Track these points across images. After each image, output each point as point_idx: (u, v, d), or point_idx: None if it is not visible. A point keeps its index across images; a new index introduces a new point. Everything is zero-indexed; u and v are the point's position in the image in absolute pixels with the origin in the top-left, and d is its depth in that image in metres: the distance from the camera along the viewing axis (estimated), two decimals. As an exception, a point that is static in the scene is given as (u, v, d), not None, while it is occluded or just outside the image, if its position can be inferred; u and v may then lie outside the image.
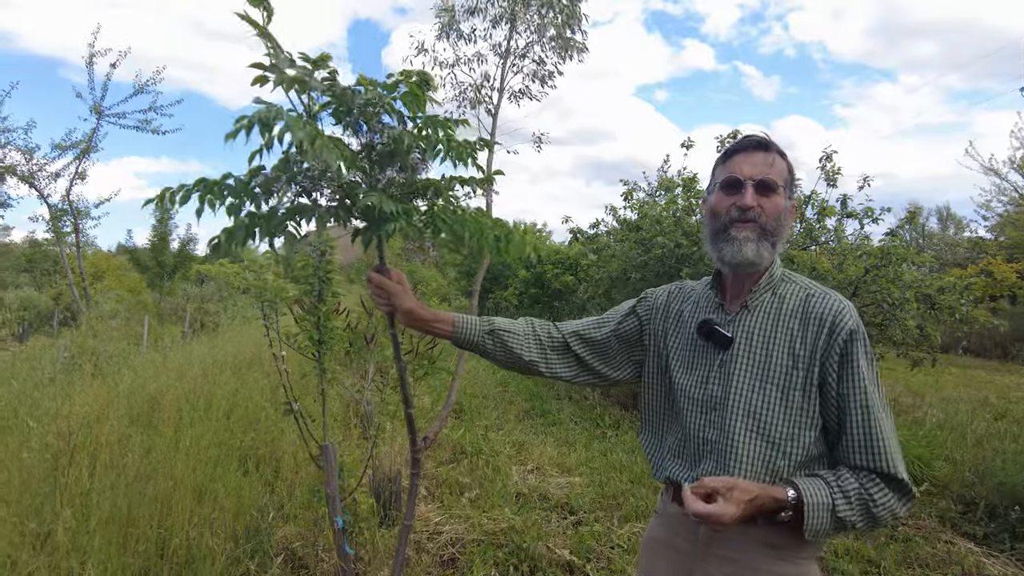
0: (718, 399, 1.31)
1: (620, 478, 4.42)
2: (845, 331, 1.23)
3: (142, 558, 2.54)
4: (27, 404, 3.88)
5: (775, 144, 1.34)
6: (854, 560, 3.31)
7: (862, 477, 1.20)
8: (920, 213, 6.69)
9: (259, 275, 2.46)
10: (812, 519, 1.16)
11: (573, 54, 5.90)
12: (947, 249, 19.65)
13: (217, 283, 16.37)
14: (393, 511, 3.40)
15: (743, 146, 1.34)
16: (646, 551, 1.51)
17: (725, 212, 1.31)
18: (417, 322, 1.45)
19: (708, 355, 1.35)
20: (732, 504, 1.13)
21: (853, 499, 1.18)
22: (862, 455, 1.20)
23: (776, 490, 1.19)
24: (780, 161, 1.32)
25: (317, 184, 1.37)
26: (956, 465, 4.61)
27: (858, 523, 1.18)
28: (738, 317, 1.33)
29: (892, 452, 1.19)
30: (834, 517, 1.17)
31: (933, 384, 8.86)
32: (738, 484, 1.16)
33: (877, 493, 1.18)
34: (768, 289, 1.33)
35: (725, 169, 1.35)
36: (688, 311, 1.43)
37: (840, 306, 1.26)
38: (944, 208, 29.08)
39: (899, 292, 5.60)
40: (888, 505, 1.18)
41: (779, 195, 1.30)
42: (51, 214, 10.42)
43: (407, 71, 1.32)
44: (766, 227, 1.29)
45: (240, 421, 4.15)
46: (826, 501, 1.17)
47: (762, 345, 1.29)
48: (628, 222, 7.85)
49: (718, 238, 1.33)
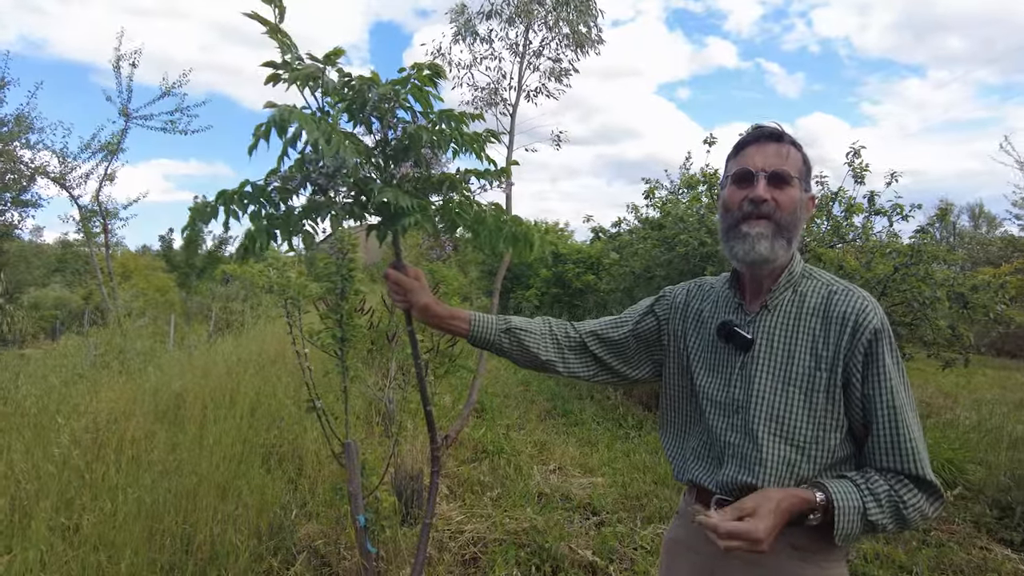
0: (740, 402, 1.27)
1: (643, 479, 4.37)
2: (869, 330, 1.18)
3: (168, 553, 2.57)
4: (56, 400, 3.95)
5: (789, 135, 1.29)
6: (884, 565, 3.23)
7: (891, 479, 1.16)
8: (951, 210, 6.52)
9: (282, 273, 2.46)
10: (843, 523, 1.13)
11: (589, 49, 5.86)
12: (979, 247, 19.15)
13: (242, 282, 16.58)
14: (415, 509, 3.39)
15: (755, 137, 1.30)
16: (667, 552, 1.49)
17: (737, 207, 1.27)
18: (433, 319, 1.44)
19: (729, 357, 1.32)
20: (762, 519, 1.09)
21: (884, 502, 1.14)
22: (890, 457, 1.17)
23: (802, 491, 1.16)
24: (794, 152, 1.27)
25: (332, 181, 1.36)
26: (991, 469, 4.48)
27: (888, 526, 1.15)
28: (758, 317, 1.29)
29: (920, 454, 1.16)
30: (864, 520, 1.14)
31: (965, 385, 8.64)
32: (759, 500, 1.12)
33: (907, 495, 1.15)
34: (788, 287, 1.29)
35: (736, 162, 1.30)
36: (708, 311, 1.40)
37: (863, 304, 1.21)
38: (976, 206, 28.43)
39: (930, 291, 5.46)
40: (918, 507, 1.15)
41: (794, 187, 1.25)
42: (81, 215, 10.64)
43: (418, 64, 1.30)
44: (780, 222, 1.23)
45: (263, 419, 4.19)
46: (856, 504, 1.14)
47: (784, 346, 1.25)
48: (651, 220, 7.77)
49: (730, 235, 1.28)
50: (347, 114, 1.35)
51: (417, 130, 1.31)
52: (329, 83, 1.26)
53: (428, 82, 1.30)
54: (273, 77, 1.22)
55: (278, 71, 1.22)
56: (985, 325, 6.04)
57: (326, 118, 1.25)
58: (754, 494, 1.14)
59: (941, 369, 6.40)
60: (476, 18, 5.95)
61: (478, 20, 5.95)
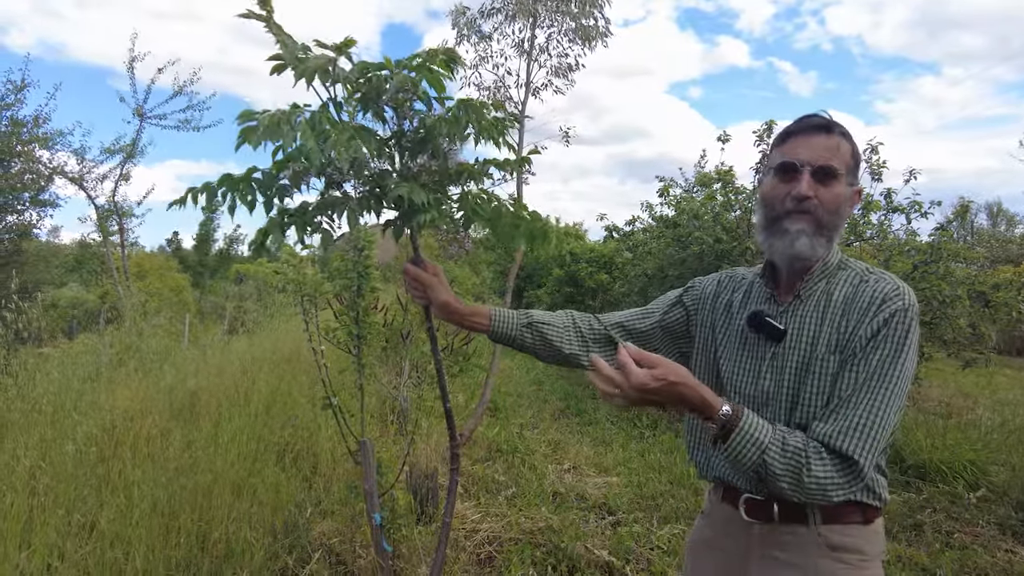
0: (770, 394, 1.23)
1: (659, 479, 4.32)
2: (888, 311, 1.12)
3: (183, 550, 2.57)
4: (73, 398, 3.97)
5: (839, 125, 1.23)
6: (907, 568, 3.17)
7: (811, 444, 1.09)
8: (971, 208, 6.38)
9: (298, 270, 2.45)
10: (738, 443, 1.06)
11: (596, 42, 5.81)
12: (998, 246, 18.88)
13: (256, 282, 16.71)
14: (430, 508, 3.38)
15: (802, 128, 1.23)
16: (692, 554, 1.45)
17: (780, 202, 1.22)
18: (453, 315, 1.42)
19: (759, 348, 1.27)
20: (644, 377, 1.02)
21: (789, 454, 1.07)
22: (828, 420, 1.11)
23: (711, 394, 1.08)
24: (844, 144, 1.21)
25: (346, 176, 1.33)
26: (1015, 470, 4.39)
27: (781, 480, 1.07)
28: (790, 308, 1.25)
29: (859, 432, 1.08)
30: (761, 458, 1.06)
31: (986, 386, 8.49)
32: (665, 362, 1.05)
33: (816, 463, 1.07)
34: (823, 278, 1.24)
35: (781, 152, 1.24)
36: (738, 302, 1.36)
37: (893, 289, 1.14)
38: (995, 203, 28.03)
39: (950, 289, 5.37)
40: (822, 482, 1.07)
41: (839, 183, 1.19)
42: (98, 215, 10.74)
43: (432, 50, 1.27)
44: (822, 220, 1.19)
45: (278, 417, 4.19)
46: (761, 439, 1.07)
47: (810, 336, 1.20)
48: (665, 219, 7.71)
49: (770, 230, 1.24)
50: (360, 105, 1.32)
51: (434, 122, 1.28)
52: (340, 73, 1.23)
53: (444, 67, 1.27)
54: (278, 68, 1.20)
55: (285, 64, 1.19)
56: (1007, 324, 5.94)
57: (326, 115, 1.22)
58: (670, 362, 1.06)
59: (961, 369, 6.30)
60: (479, 17, 5.93)
61: (481, 19, 5.93)
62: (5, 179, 8.79)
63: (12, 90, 9.03)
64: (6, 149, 8.58)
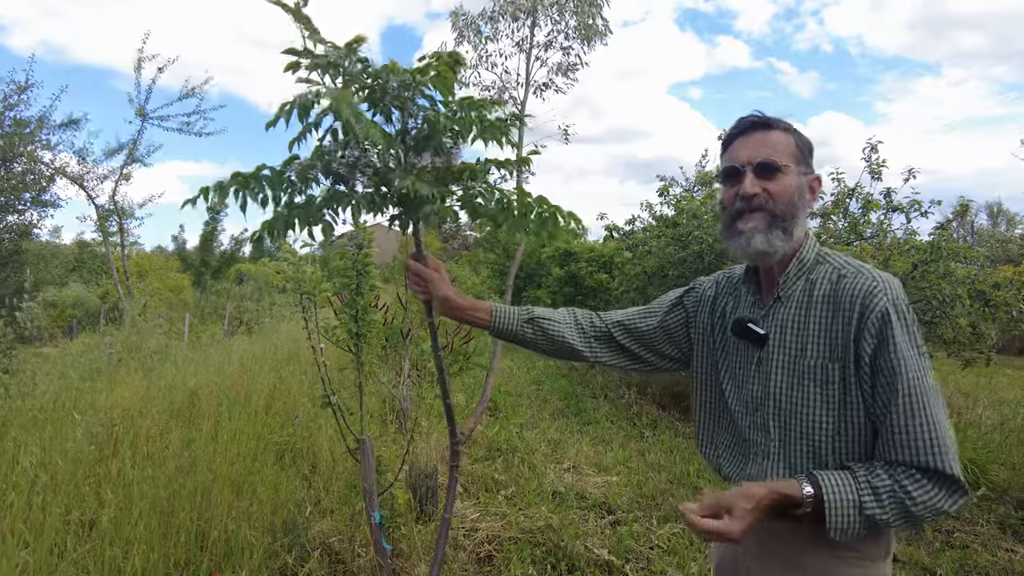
0: (759, 399, 1.25)
1: (658, 478, 4.32)
2: (877, 312, 1.11)
3: (183, 549, 2.57)
4: (73, 397, 3.97)
5: (776, 120, 1.24)
6: (907, 567, 3.17)
7: (899, 473, 1.08)
8: (970, 208, 6.36)
9: (298, 268, 2.45)
10: (835, 518, 1.07)
11: (596, 41, 5.82)
12: (998, 246, 18.88)
13: (256, 282, 16.69)
14: (430, 507, 3.37)
15: (740, 130, 1.26)
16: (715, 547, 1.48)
17: (731, 204, 1.24)
18: (454, 310, 1.43)
19: (747, 354, 1.29)
20: (738, 519, 1.05)
21: (884, 497, 1.06)
22: (901, 449, 1.08)
23: (787, 486, 1.09)
24: (784, 137, 1.23)
25: (353, 171, 1.34)
26: (1015, 470, 4.39)
27: (893, 522, 1.07)
28: (771, 310, 1.25)
29: (938, 444, 1.06)
30: (862, 515, 1.06)
31: (986, 386, 8.48)
32: (737, 497, 1.07)
33: (916, 490, 1.06)
34: (801, 276, 1.23)
35: (726, 158, 1.28)
36: (730, 306, 1.37)
37: (872, 284, 1.13)
38: (995, 203, 28.01)
39: (950, 289, 5.36)
40: (929, 503, 1.06)
41: (786, 174, 1.20)
42: (98, 215, 10.75)
43: (438, 52, 1.28)
44: (775, 212, 1.19)
45: (278, 416, 4.19)
46: (851, 498, 1.07)
47: (796, 338, 1.20)
48: (665, 218, 7.71)
49: (728, 233, 1.26)
50: (368, 103, 1.33)
51: (436, 116, 1.28)
52: (352, 70, 1.24)
53: (448, 70, 1.28)
54: (293, 65, 1.20)
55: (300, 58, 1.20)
56: (1007, 323, 5.93)
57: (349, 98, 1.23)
58: (737, 490, 1.09)
59: (961, 368, 6.29)
60: (479, 19, 5.93)
61: (481, 21, 5.94)
62: (7, 179, 8.78)
63: (16, 90, 9.04)
64: (9, 149, 8.58)
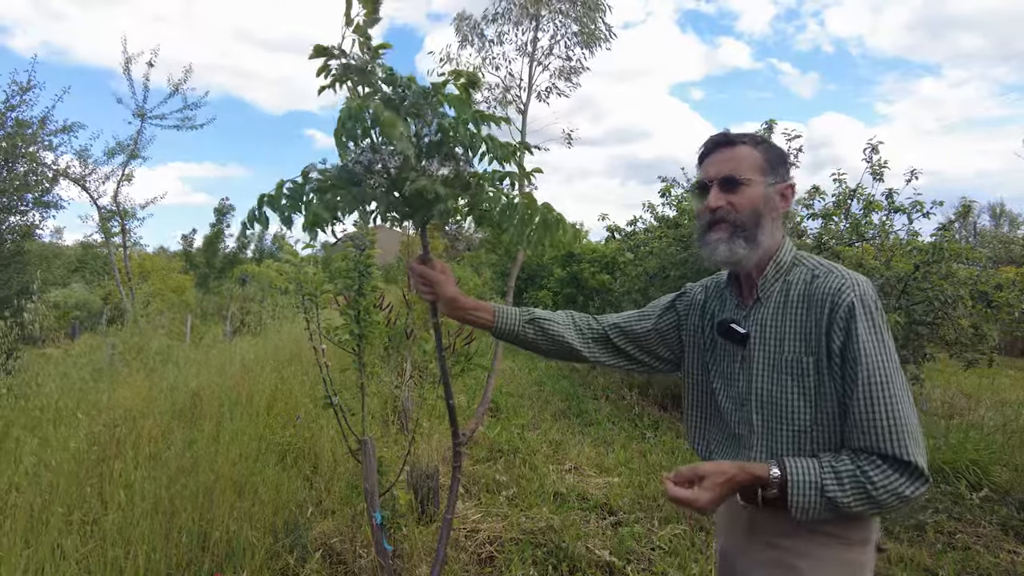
0: (744, 395, 1.33)
1: (660, 479, 4.31)
2: (844, 307, 1.19)
3: (184, 549, 2.57)
4: (76, 397, 3.98)
5: (742, 135, 1.34)
6: (909, 568, 3.16)
7: (861, 459, 1.14)
8: (973, 209, 6.35)
9: (300, 269, 2.46)
10: (796, 497, 1.15)
11: (598, 46, 5.83)
12: (1001, 246, 18.84)
13: (259, 284, 16.73)
14: (431, 508, 3.38)
15: (708, 148, 1.36)
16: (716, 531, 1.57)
17: (701, 217, 1.34)
18: (459, 311, 1.49)
19: (732, 352, 1.37)
20: (706, 490, 1.15)
21: (846, 481, 1.13)
22: (863, 436, 1.15)
23: (757, 467, 1.19)
24: (749, 151, 1.31)
25: (367, 174, 1.36)
26: (1018, 471, 4.38)
27: (855, 506, 1.13)
28: (752, 311, 1.34)
29: (897, 431, 1.12)
30: (823, 497, 1.14)
31: (988, 387, 8.47)
32: (711, 470, 1.17)
33: (876, 475, 1.12)
34: (778, 278, 1.32)
35: (699, 173, 1.38)
36: (716, 310, 1.45)
37: (840, 282, 1.21)
38: (997, 204, 27.97)
39: (953, 289, 5.35)
40: (890, 488, 1.12)
41: (749, 186, 1.28)
42: (100, 216, 10.78)
43: (457, 71, 1.34)
44: (736, 222, 1.28)
45: (279, 417, 4.19)
46: (813, 480, 1.14)
47: (774, 335, 1.29)
48: (666, 219, 7.71)
49: (700, 243, 1.35)
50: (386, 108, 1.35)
51: (449, 123, 1.32)
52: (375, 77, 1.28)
53: (464, 91, 1.34)
54: (323, 69, 1.24)
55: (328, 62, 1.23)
56: (1010, 324, 5.91)
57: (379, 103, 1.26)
58: (713, 463, 1.20)
59: (963, 369, 6.27)
60: (482, 22, 5.95)
61: (484, 24, 5.95)
62: (10, 180, 8.80)
63: (18, 91, 9.07)
64: (11, 150, 8.61)
